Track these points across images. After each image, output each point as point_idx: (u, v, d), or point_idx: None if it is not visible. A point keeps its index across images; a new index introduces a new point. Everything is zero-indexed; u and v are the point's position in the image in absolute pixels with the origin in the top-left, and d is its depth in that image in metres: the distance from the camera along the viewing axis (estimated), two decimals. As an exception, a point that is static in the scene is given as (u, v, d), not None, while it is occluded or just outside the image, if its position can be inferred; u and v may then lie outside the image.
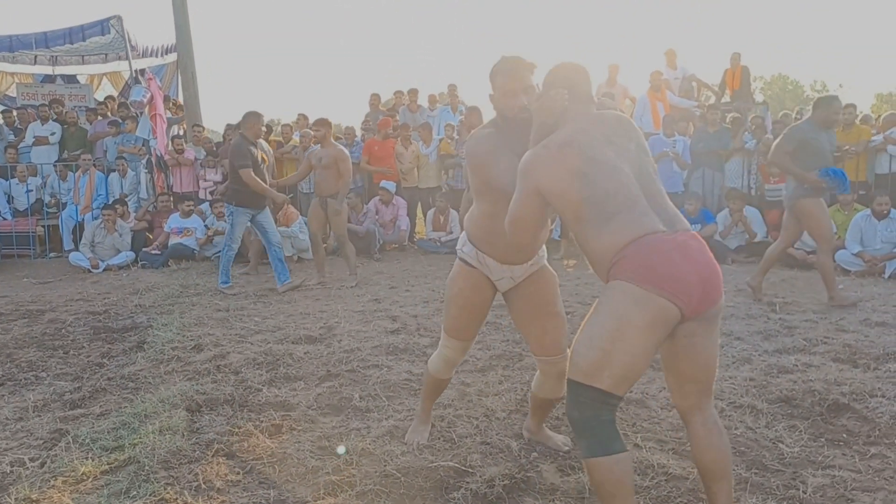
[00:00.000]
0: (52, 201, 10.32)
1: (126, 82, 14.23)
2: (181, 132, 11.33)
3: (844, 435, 3.10)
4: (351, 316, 5.64)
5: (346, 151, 7.24)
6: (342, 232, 7.36)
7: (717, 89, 11.45)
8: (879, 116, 9.11)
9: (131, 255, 9.00)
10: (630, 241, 2.05)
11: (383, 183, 9.81)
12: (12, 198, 10.35)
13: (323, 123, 7.08)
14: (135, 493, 2.66)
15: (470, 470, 2.81)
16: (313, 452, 3.01)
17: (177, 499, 2.63)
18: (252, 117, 6.91)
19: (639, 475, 2.75)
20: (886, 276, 6.99)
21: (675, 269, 1.99)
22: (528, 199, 2.23)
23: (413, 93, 11.64)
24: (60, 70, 14.67)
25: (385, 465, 2.85)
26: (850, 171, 8.41)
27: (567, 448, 3.02)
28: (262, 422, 3.36)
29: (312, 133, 7.37)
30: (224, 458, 2.99)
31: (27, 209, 10.15)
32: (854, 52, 62.35)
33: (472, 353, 4.46)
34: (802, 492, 2.56)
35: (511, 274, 2.78)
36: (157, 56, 14.11)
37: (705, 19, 75.42)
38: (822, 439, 3.07)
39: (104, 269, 8.73)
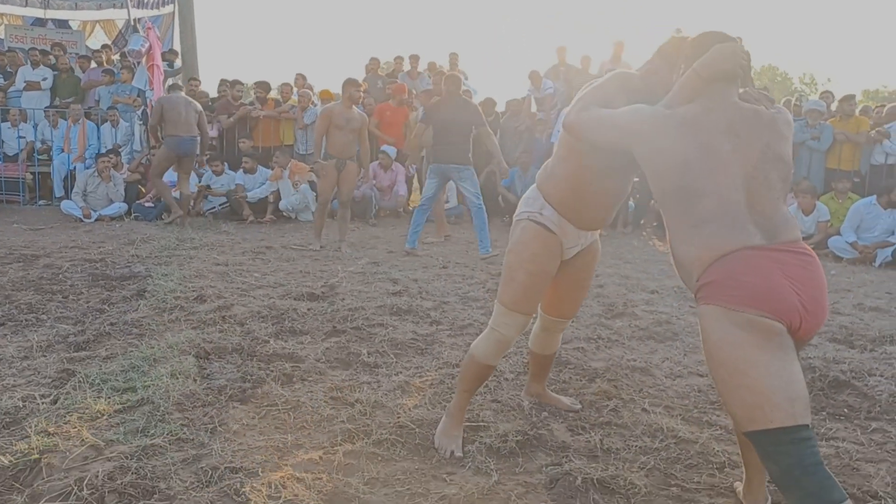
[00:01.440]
0: (43, 148, 10.16)
1: (119, 31, 13.97)
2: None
3: (846, 410, 3.18)
4: (351, 277, 5.64)
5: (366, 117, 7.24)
6: (348, 197, 7.35)
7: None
8: (882, 107, 9.19)
9: (124, 206, 8.91)
10: (719, 257, 1.89)
11: (384, 147, 9.75)
12: (2, 142, 10.16)
13: (351, 84, 7.03)
14: (152, 431, 2.67)
15: (483, 425, 2.85)
16: (327, 402, 3.04)
17: (193, 439, 2.64)
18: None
19: (648, 437, 2.81)
20: (877, 264, 7.11)
21: (770, 285, 1.81)
22: (613, 133, 2.11)
23: (414, 59, 11.53)
24: (52, 14, 14.32)
25: (398, 417, 2.88)
26: (845, 161, 8.53)
27: (578, 407, 3.07)
28: (272, 371, 3.37)
29: (359, 94, 7.33)
30: (238, 404, 3.00)
31: (17, 154, 9.98)
32: (842, 48, 62.71)
33: (475, 318, 4.50)
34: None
35: (583, 241, 2.69)
36: (154, 7, 13.84)
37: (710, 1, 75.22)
38: (824, 413, 3.15)
39: (96, 220, 8.64)
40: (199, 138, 8.34)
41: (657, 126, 2.03)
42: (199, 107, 8.49)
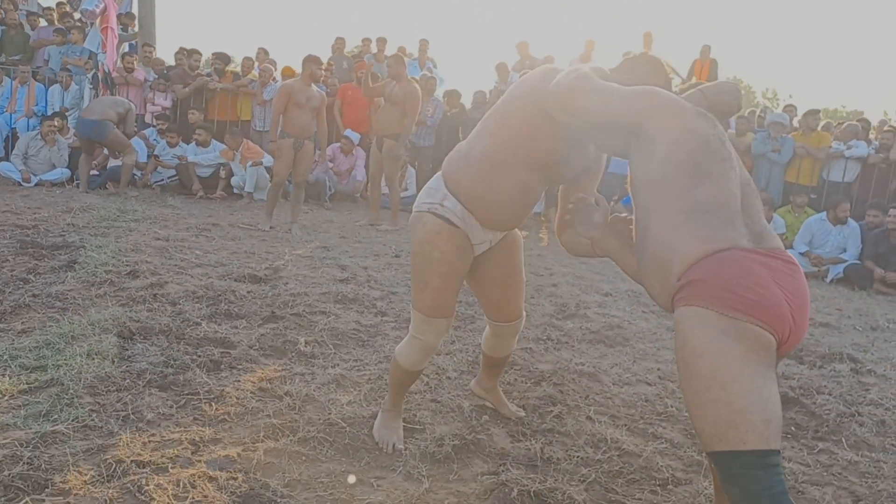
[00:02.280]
0: (-16, 105, 9.64)
1: (75, -11, 13.36)
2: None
3: (793, 428, 3.10)
4: (298, 260, 5.42)
5: (419, 91, 7.03)
6: (392, 175, 7.15)
7: (683, 78, 11.45)
8: (841, 124, 9.27)
9: (67, 172, 8.50)
10: (706, 254, 1.72)
11: (348, 131, 9.51)
12: (-60, 96, 9.61)
13: (398, 60, 6.95)
14: (56, 416, 2.43)
15: (419, 427, 2.69)
16: (254, 393, 2.84)
17: (101, 427, 2.42)
18: None
19: (591, 448, 2.68)
20: (829, 280, 7.16)
21: (765, 293, 1.66)
22: (622, 105, 1.92)
23: (381, 41, 11.27)
24: (3, -33, 13.63)
25: (329, 414, 2.70)
26: (804, 175, 8.58)
27: (521, 414, 2.92)
28: (199, 356, 3.15)
29: (388, 69, 7.13)
30: (156, 390, 2.78)
31: (-45, 110, 9.45)
32: (804, 67, 64.07)
33: (423, 310, 4.32)
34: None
35: (493, 237, 2.47)
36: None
37: (681, 7, 76.05)
38: (771, 430, 3.06)
39: (36, 184, 8.22)
40: (108, 123, 8.02)
41: (680, 106, 1.91)
42: (133, 107, 8.36)
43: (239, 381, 2.95)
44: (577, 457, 2.60)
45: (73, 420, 2.43)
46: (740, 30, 68.85)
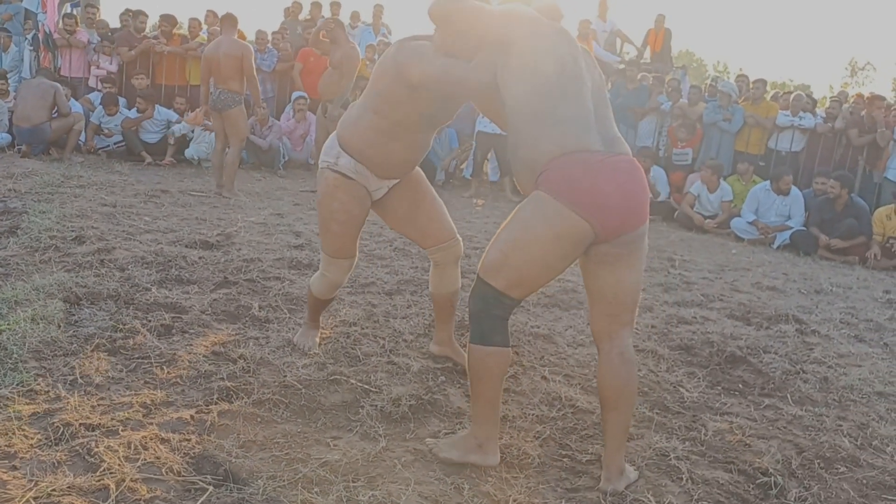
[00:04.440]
0: (-84, 66, 9.16)
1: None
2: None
3: (740, 385, 3.19)
4: (251, 227, 5.32)
5: (358, 50, 6.92)
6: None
7: (639, 47, 11.55)
8: (789, 94, 9.46)
9: (7, 137, 8.15)
10: (562, 154, 2.06)
11: (298, 93, 9.31)
12: None
13: (337, 24, 7.04)
14: (-2, 381, 2.36)
15: (374, 389, 2.68)
16: (207, 357, 2.79)
17: (48, 391, 2.36)
18: None
19: (546, 406, 2.72)
20: (775, 246, 7.35)
21: (596, 188, 2.02)
22: (490, 67, 2.19)
23: (335, 6, 11.03)
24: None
25: (285, 376, 2.67)
26: (753, 145, 8.75)
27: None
28: (149, 321, 3.08)
29: (325, 32, 6.96)
30: (105, 354, 2.71)
31: None
32: (754, 42, 65.12)
33: (379, 276, 4.30)
34: (703, 434, 2.60)
35: (389, 182, 2.78)
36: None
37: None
38: (719, 388, 3.15)
39: (-27, 149, 7.87)
40: (44, 126, 7.75)
41: (537, 25, 2.15)
42: (59, 87, 7.94)
43: (191, 345, 2.89)
44: (533, 414, 2.63)
45: (17, 384, 2.36)
46: (694, 4, 69.40)
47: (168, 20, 9.86)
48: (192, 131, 8.81)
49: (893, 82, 32.35)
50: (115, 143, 8.70)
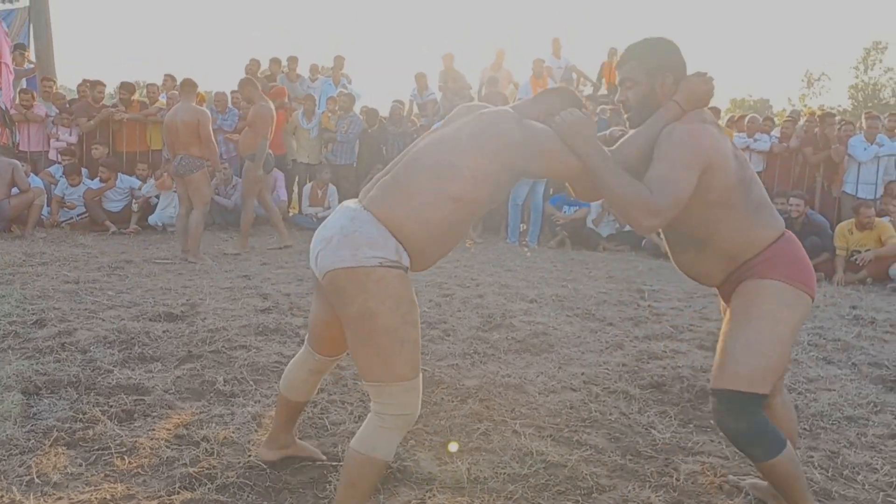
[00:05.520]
0: None
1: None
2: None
3: (712, 421, 3.18)
4: (217, 293, 5.27)
5: (270, 107, 6.98)
6: (248, 195, 7.10)
7: (595, 81, 11.77)
8: (744, 118, 9.66)
9: (-34, 217, 8.05)
10: (779, 237, 2.14)
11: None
12: None
13: (248, 83, 7.03)
14: (-51, 490, 2.28)
15: (342, 462, 2.63)
16: (169, 441, 2.73)
17: (2, 496, 2.28)
18: None
19: (517, 463, 2.69)
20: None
21: (809, 264, 2.16)
22: (695, 177, 2.05)
23: (293, 60, 11.15)
24: None
25: (249, 456, 2.62)
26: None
27: (323, 458, 2.62)
28: (111, 407, 3.02)
29: (241, 95, 7.06)
30: (64, 448, 2.64)
31: None
32: (711, 59, 66.76)
33: (347, 335, 4.26)
34: (675, 479, 2.59)
35: None
36: (5, 1, 12.73)
37: (590, 9, 77.97)
38: (691, 425, 3.14)
39: (-69, 232, 7.76)
40: (2, 204, 7.76)
41: (711, 134, 2.11)
42: (17, 164, 7.96)
43: (153, 429, 2.83)
44: (504, 474, 2.60)
45: (-31, 492, 2.29)
46: (656, 24, 71.17)
47: (127, 88, 9.89)
48: (158, 196, 8.78)
49: (849, 90, 33.25)
50: (77, 216, 8.63)
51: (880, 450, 2.91)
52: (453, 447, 2.66)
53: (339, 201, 9.64)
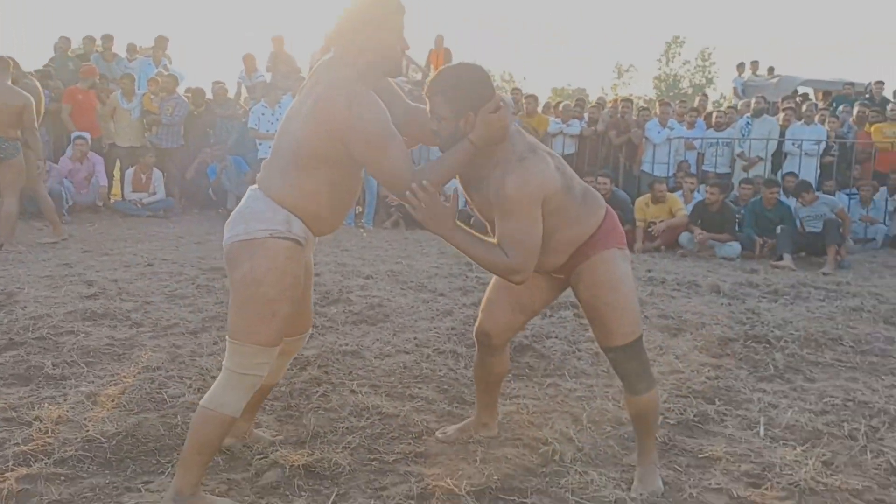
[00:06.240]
0: None
1: None
2: None
3: (527, 370, 3.59)
4: (36, 281, 5.01)
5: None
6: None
7: (423, 69, 12.15)
8: (558, 104, 10.44)
9: None
10: (606, 214, 2.42)
11: (77, 133, 8.79)
12: None
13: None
14: None
15: (183, 429, 2.72)
16: (-3, 425, 2.67)
17: None
18: None
19: (354, 417, 2.91)
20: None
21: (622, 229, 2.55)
22: (538, 217, 2.22)
23: (108, 39, 10.54)
24: None
25: (87, 431, 2.64)
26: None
27: (280, 439, 2.72)
28: (-75, 397, 2.88)
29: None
30: None
31: None
32: (533, 48, 70.19)
33: (182, 316, 4.26)
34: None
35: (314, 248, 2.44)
36: None
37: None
38: (510, 375, 3.51)
39: None
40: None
41: (544, 169, 2.24)
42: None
43: (-22, 415, 2.75)
44: (342, 427, 2.81)
45: None
46: (472, 21, 73.37)
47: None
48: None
49: (653, 81, 36.35)
50: None
51: (664, 384, 3.44)
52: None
53: (166, 186, 9.33)
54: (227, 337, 2.17)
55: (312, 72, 2.32)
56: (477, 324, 2.65)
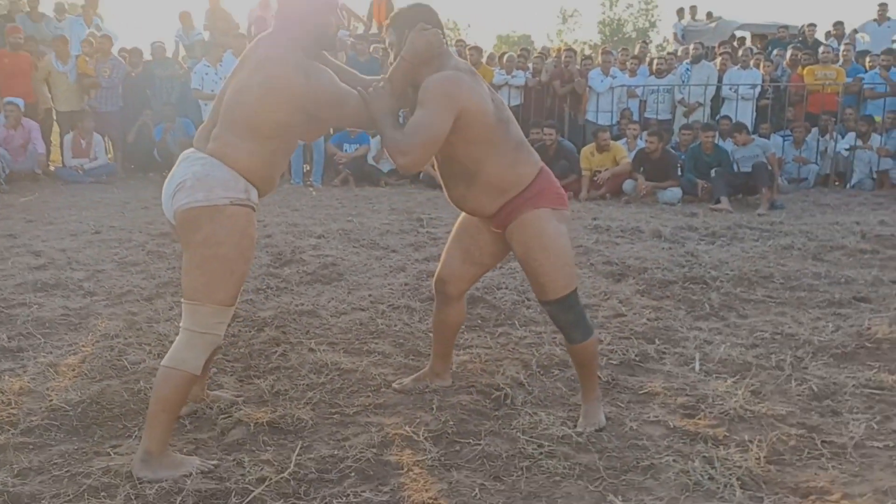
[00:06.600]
0: None
1: None
2: None
3: (479, 321, 3.74)
4: (-20, 254, 4.93)
5: None
6: None
7: (365, 20, 11.97)
8: (503, 55, 10.45)
9: None
10: (539, 172, 2.50)
11: (10, 99, 8.47)
12: None
13: None
14: None
15: (148, 393, 2.79)
16: (-42, 400, 2.70)
17: None
18: None
19: (314, 374, 3.02)
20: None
21: (562, 189, 2.61)
22: (449, 120, 2.30)
23: (34, -2, 10.09)
24: None
25: (51, 400, 2.69)
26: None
27: (241, 399, 2.79)
28: None
29: None
30: None
31: None
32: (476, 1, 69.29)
33: (136, 283, 4.28)
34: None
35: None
36: None
37: (352, -50, 76.44)
38: (463, 326, 3.65)
39: None
40: None
41: (465, 81, 2.35)
42: None
43: (-63, 391, 2.77)
44: (303, 384, 2.92)
45: None
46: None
47: None
48: None
49: (598, 25, 36.39)
50: None
51: (607, 327, 3.64)
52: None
53: (107, 151, 9.11)
54: (182, 300, 2.24)
55: (255, 42, 2.38)
56: (435, 274, 2.84)
